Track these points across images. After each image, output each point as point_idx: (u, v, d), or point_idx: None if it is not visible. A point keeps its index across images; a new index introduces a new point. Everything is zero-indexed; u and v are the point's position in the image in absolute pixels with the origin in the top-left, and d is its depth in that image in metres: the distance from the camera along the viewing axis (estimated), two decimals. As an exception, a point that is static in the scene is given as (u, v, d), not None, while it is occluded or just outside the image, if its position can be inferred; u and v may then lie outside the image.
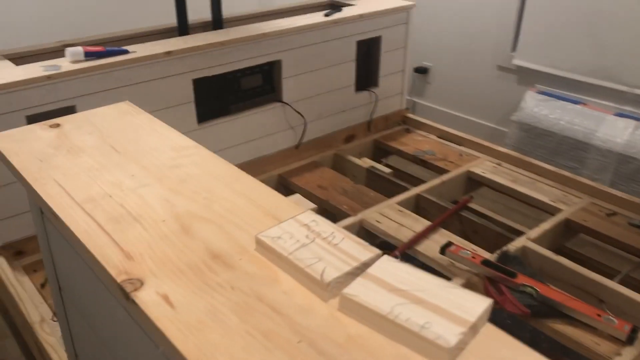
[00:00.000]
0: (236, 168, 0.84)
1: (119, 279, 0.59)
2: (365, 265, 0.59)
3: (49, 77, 1.60)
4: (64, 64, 1.68)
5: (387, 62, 2.47)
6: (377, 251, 0.61)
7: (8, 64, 1.68)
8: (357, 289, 0.55)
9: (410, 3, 2.44)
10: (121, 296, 0.58)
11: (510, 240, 1.84)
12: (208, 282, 0.59)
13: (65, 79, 1.64)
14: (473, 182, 2.26)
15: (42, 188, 0.75)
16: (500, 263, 1.64)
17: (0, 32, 2.27)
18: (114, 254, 0.63)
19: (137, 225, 0.69)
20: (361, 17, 2.28)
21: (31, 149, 0.86)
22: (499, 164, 2.28)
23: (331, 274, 0.58)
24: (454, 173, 2.22)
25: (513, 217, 2.25)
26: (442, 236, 1.84)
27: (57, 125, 0.91)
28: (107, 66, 1.70)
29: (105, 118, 0.97)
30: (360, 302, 0.54)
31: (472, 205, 2.14)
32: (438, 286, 0.53)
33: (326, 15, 2.22)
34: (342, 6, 2.41)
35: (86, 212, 0.71)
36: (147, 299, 0.57)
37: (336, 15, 2.23)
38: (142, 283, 0.59)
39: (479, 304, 0.52)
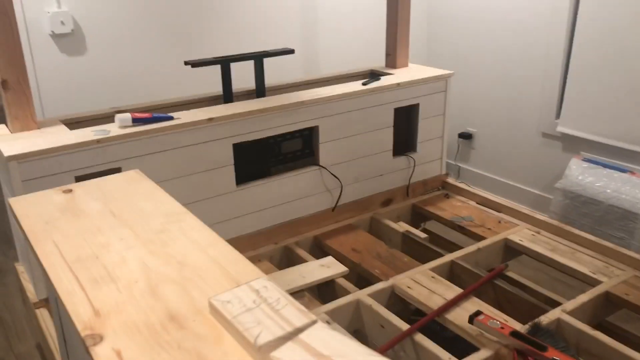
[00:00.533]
0: (216, 235, 0.91)
1: (83, 333, 0.67)
2: (299, 330, 0.64)
3: (98, 141, 1.73)
4: (113, 128, 1.81)
5: (426, 128, 2.52)
6: (313, 317, 0.66)
7: (63, 128, 1.83)
8: (285, 353, 0.61)
9: (448, 72, 2.50)
10: (83, 349, 0.66)
11: (544, 311, 1.79)
12: (159, 341, 0.66)
13: (113, 143, 1.76)
14: (511, 250, 2.23)
15: (41, 248, 0.85)
16: (531, 335, 1.60)
17: (58, 100, 2.47)
18: (85, 311, 0.72)
19: (112, 285, 0.78)
20: (398, 85, 2.35)
21: (41, 212, 0.97)
22: (537, 232, 2.24)
23: (265, 338, 0.63)
24: (490, 240, 2.20)
25: (551, 288, 2.19)
26: (474, 305, 1.81)
27: (70, 190, 1.01)
28: (152, 131, 1.82)
29: (113, 185, 1.08)
30: (285, 366, 0.59)
31: (508, 273, 2.09)
32: (359, 354, 0.57)
33: (364, 84, 2.31)
34: (382, 75, 2.50)
35: (72, 272, 0.80)
36: (102, 353, 0.64)
37: (374, 84, 2.31)
38: (101, 338, 0.66)
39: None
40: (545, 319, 1.71)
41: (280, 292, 0.68)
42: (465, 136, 3.43)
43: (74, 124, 1.94)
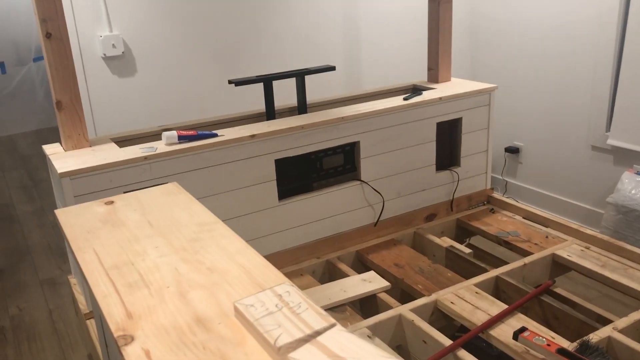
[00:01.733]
0: (244, 243, 0.94)
1: (115, 334, 0.71)
2: (318, 333, 0.67)
3: (145, 158, 1.80)
4: (160, 146, 1.87)
5: (469, 143, 2.49)
6: (332, 321, 0.68)
7: (113, 146, 1.91)
8: (302, 354, 0.63)
9: (491, 85, 2.47)
10: (116, 348, 0.70)
11: (594, 329, 1.73)
12: (185, 342, 0.70)
13: (160, 159, 1.83)
14: (559, 265, 2.17)
15: (82, 255, 0.91)
16: (579, 353, 1.55)
17: (110, 119, 2.58)
18: (119, 313, 0.77)
19: (145, 290, 0.82)
20: (440, 99, 2.34)
21: (84, 222, 1.03)
22: (587, 248, 2.17)
23: (284, 339, 0.66)
24: (537, 255, 2.15)
25: (602, 305, 2.11)
26: (519, 321, 1.77)
27: (112, 202, 1.07)
28: (197, 148, 1.88)
29: (152, 197, 1.15)
30: (302, 366, 0.61)
31: (556, 289, 2.04)
32: (374, 356, 0.57)
33: (405, 99, 2.31)
34: (424, 90, 2.50)
35: (108, 277, 0.86)
36: (132, 352, 0.68)
37: (415, 99, 2.31)
38: (132, 339, 0.70)
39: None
40: (595, 336, 1.65)
41: (302, 297, 0.69)
42: (512, 150, 3.37)
43: (123, 141, 2.02)
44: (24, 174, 4.55)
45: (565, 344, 1.63)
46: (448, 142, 2.52)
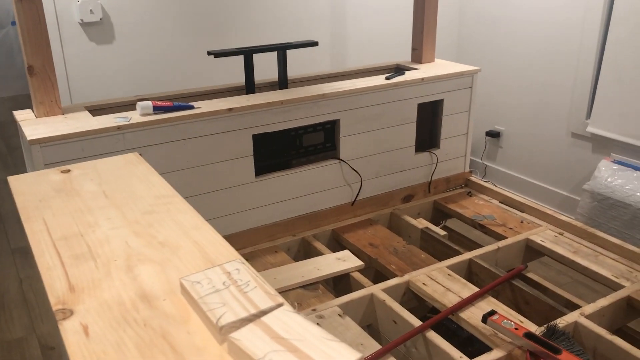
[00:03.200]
0: (201, 218, 0.91)
1: (54, 307, 0.69)
2: (263, 313, 0.65)
3: (118, 128, 1.76)
4: (135, 116, 1.83)
5: (450, 125, 2.48)
6: (280, 301, 0.66)
7: (86, 114, 1.86)
8: (243, 334, 0.61)
9: (474, 68, 2.46)
10: (55, 321, 0.67)
11: (563, 314, 1.75)
12: (127, 318, 0.68)
13: (133, 130, 1.79)
14: (532, 250, 2.18)
15: (30, 225, 0.88)
16: (546, 338, 1.56)
17: (86, 87, 2.52)
18: (61, 286, 0.74)
19: (91, 262, 0.79)
20: (422, 80, 2.32)
21: (37, 190, 0.99)
22: (560, 234, 2.19)
23: (227, 319, 0.64)
24: (511, 240, 2.16)
25: (572, 291, 2.14)
26: (490, 304, 1.78)
27: (68, 171, 1.03)
28: (172, 120, 1.84)
29: (110, 167, 1.11)
30: (240, 346, 0.59)
31: (528, 274, 2.05)
32: (318, 338, 0.57)
33: (387, 78, 2.29)
34: (407, 70, 2.47)
35: (55, 248, 0.82)
36: (69, 326, 0.66)
37: (397, 79, 2.29)
38: (72, 313, 0.68)
39: (348, 358, 0.55)
40: (563, 322, 1.67)
41: (252, 275, 0.68)
42: (493, 134, 3.38)
43: (97, 110, 1.98)
44: (-1, 141, 4.46)
45: (533, 328, 1.64)
46: (428, 123, 2.51)
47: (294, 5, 2.92)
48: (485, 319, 1.63)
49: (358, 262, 2.00)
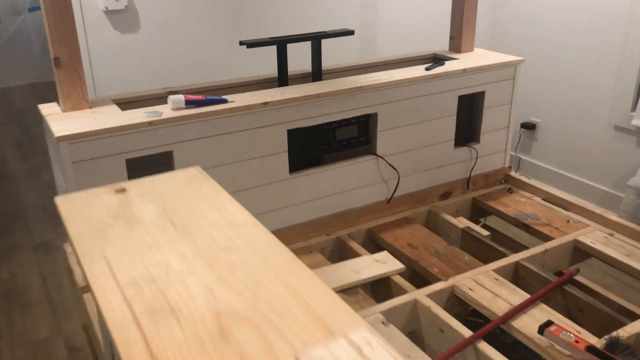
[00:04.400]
0: (291, 254, 0.77)
1: None
2: None
3: (150, 123, 1.66)
4: (166, 110, 1.73)
5: (490, 118, 2.36)
6: None
7: (115, 108, 1.77)
8: None
9: (518, 58, 2.33)
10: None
11: (621, 323, 1.64)
12: None
13: (165, 125, 1.69)
14: (580, 252, 2.06)
15: (89, 263, 0.73)
16: (608, 351, 1.45)
17: (111, 78, 2.42)
18: (140, 354, 0.59)
19: (173, 321, 0.64)
20: (464, 71, 2.19)
21: (91, 216, 0.84)
22: (611, 235, 2.07)
23: None
24: (559, 241, 2.04)
25: (627, 296, 2.02)
26: (542, 312, 1.67)
27: (123, 190, 0.89)
28: (205, 114, 1.74)
29: (171, 185, 0.96)
30: None
31: (579, 278, 1.94)
32: None
33: (427, 69, 2.17)
34: (446, 60, 2.35)
35: (125, 299, 0.67)
36: None
37: (438, 69, 2.16)
38: None
39: None
40: (624, 332, 1.56)
41: (389, 351, 0.54)
42: (528, 126, 3.24)
43: (125, 103, 1.88)
44: (18, 130, 4.39)
45: (592, 339, 1.54)
46: (468, 117, 2.39)
47: (324, -8, 2.80)
48: (542, 330, 1.52)
49: (398, 265, 1.90)
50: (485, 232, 2.13)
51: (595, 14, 2.79)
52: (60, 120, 1.66)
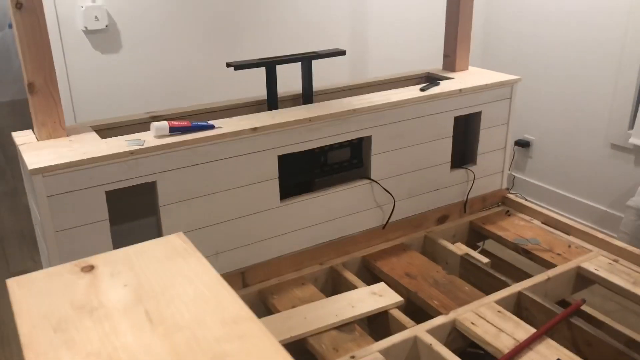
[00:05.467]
0: None
1: None
2: None
3: (131, 153, 1.55)
4: (149, 138, 1.63)
5: (487, 139, 2.28)
6: None
7: (94, 136, 1.66)
8: None
9: (514, 77, 2.26)
10: None
11: (632, 359, 1.55)
12: None
13: (148, 154, 1.59)
14: (583, 279, 1.98)
15: None
16: (623, 393, 1.37)
17: (91, 100, 2.31)
18: None
19: None
20: (460, 92, 2.12)
21: (50, 307, 0.68)
22: (615, 261, 1.99)
23: None
24: (562, 268, 1.96)
25: (631, 324, 1.94)
26: (549, 348, 1.58)
27: (91, 268, 0.75)
28: (191, 142, 1.64)
29: (149, 260, 0.80)
30: None
31: (584, 307, 1.86)
32: None
33: (422, 89, 2.08)
34: (440, 79, 2.27)
35: None
36: None
37: (433, 90, 2.08)
38: None
39: None
40: (637, 371, 1.48)
41: None
42: (522, 144, 3.18)
43: (105, 130, 1.77)
44: (-4, 150, 4.25)
45: (604, 379, 1.45)
46: (463, 138, 2.31)
47: (312, 12, 2.72)
48: (552, 371, 1.43)
49: (397, 298, 1.80)
50: (485, 259, 2.04)
51: (591, 31, 2.74)
52: (34, 151, 1.55)
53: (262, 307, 1.86)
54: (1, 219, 3.15)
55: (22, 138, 1.65)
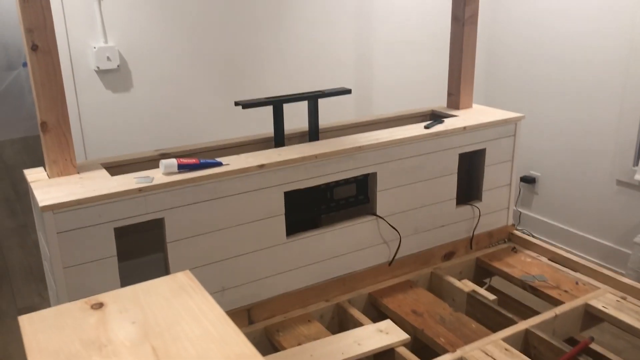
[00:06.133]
0: None
1: None
2: None
3: (140, 190, 1.58)
4: (157, 175, 1.66)
5: (492, 176, 2.30)
6: None
7: (104, 173, 1.69)
8: None
9: (518, 115, 2.29)
10: None
11: (643, 399, 1.53)
12: None
13: (157, 192, 1.61)
14: (591, 316, 1.97)
15: None
16: None
17: (102, 137, 2.36)
18: None
19: None
20: (465, 129, 2.14)
21: (60, 344, 0.70)
22: (623, 298, 1.98)
23: None
24: (569, 305, 1.95)
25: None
26: (558, 387, 1.56)
27: (100, 305, 0.78)
28: (199, 179, 1.67)
29: (156, 299, 0.82)
30: None
31: (593, 345, 1.84)
32: None
33: (426, 127, 2.11)
34: (445, 117, 2.30)
35: None
36: None
37: (438, 127, 2.11)
38: None
39: None
40: (648, 411, 1.45)
41: None
42: (528, 180, 3.19)
43: (115, 167, 1.81)
44: (7, 185, 4.30)
45: (614, 419, 1.43)
46: (469, 174, 2.33)
47: (317, 49, 2.78)
48: (560, 410, 1.41)
49: (403, 335, 1.79)
50: (492, 297, 2.03)
51: (593, 66, 2.78)
52: (45, 187, 1.58)
53: (268, 344, 1.85)
54: (10, 254, 3.17)
55: (34, 175, 1.68)
